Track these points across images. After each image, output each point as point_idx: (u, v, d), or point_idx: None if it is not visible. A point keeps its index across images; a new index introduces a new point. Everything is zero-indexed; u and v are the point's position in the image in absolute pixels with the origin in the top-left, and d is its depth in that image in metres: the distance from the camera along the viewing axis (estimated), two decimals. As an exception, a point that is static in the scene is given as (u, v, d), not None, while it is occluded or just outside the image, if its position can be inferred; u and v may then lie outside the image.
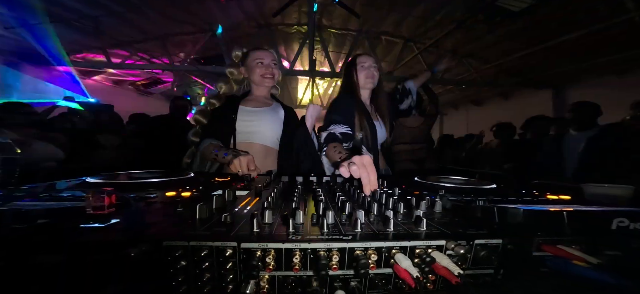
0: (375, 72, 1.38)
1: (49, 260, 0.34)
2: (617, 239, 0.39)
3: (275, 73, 1.33)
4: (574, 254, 0.38)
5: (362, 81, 1.37)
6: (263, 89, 1.36)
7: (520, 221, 0.41)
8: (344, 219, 0.44)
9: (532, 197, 0.65)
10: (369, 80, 1.36)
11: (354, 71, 1.38)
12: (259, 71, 1.29)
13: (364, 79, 1.37)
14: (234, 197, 0.58)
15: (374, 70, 1.37)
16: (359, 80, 1.37)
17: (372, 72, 1.36)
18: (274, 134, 1.30)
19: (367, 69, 1.36)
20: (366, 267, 0.34)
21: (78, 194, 0.57)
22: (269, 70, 1.30)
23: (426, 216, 0.42)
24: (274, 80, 1.34)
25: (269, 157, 1.27)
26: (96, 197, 0.44)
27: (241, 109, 1.27)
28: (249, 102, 1.32)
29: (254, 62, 1.30)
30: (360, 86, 1.38)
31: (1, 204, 0.46)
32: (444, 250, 0.38)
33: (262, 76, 1.29)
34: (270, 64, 1.31)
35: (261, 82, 1.31)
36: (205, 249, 0.35)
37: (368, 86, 1.38)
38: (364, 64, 1.37)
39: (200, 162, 1.25)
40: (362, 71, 1.37)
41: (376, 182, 0.65)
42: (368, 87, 1.39)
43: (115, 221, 0.40)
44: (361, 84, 1.38)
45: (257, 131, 1.26)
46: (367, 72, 1.36)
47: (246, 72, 1.34)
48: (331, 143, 1.14)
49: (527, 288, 0.39)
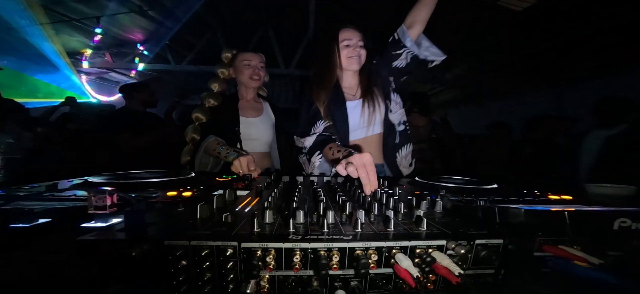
0: (362, 50, 1.15)
1: (50, 259, 0.35)
2: (619, 240, 0.39)
3: (261, 74, 1.38)
4: (576, 255, 0.38)
5: (344, 62, 1.14)
6: (250, 90, 1.41)
7: (521, 221, 0.41)
8: (344, 219, 0.44)
9: (534, 197, 0.65)
10: (355, 60, 1.13)
11: (332, 49, 1.14)
12: (247, 72, 1.34)
13: (345, 60, 1.13)
14: (234, 197, 0.59)
15: (360, 48, 1.14)
16: (341, 60, 1.14)
17: (358, 51, 1.13)
18: (269, 139, 1.41)
19: (352, 48, 1.13)
20: (366, 267, 0.34)
21: (80, 194, 0.57)
22: (256, 72, 1.35)
23: (427, 216, 0.42)
24: (260, 81, 1.39)
25: (265, 160, 1.40)
26: (98, 197, 0.44)
27: (242, 120, 1.34)
28: (246, 110, 1.38)
29: (242, 64, 1.35)
30: (343, 68, 1.16)
31: (3, 204, 0.46)
32: (444, 250, 0.38)
33: (249, 76, 1.34)
34: (258, 66, 1.36)
35: (248, 83, 1.36)
36: (206, 249, 0.35)
37: (353, 67, 1.15)
38: (350, 41, 1.13)
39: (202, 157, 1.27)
40: (345, 50, 1.13)
41: (376, 182, 0.65)
42: (353, 69, 1.16)
43: (117, 221, 0.40)
44: (343, 66, 1.15)
45: (256, 138, 1.36)
46: (351, 50, 1.12)
47: (234, 72, 1.40)
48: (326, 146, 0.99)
49: (528, 289, 0.39)
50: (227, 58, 1.42)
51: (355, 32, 1.15)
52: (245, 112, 1.37)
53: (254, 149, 1.32)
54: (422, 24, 1.17)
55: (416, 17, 1.16)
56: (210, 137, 1.23)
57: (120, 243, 0.34)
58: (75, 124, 3.10)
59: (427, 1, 1.14)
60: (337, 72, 1.17)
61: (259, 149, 1.37)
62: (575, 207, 0.48)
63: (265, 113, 1.45)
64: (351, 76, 1.21)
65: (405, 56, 1.18)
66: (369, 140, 1.17)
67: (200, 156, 1.27)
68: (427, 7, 1.15)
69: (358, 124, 1.15)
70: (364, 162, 0.66)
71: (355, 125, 1.15)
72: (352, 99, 1.18)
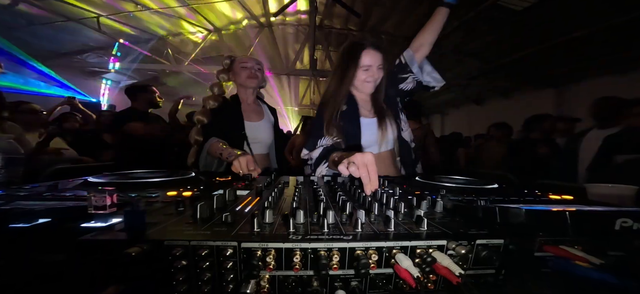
0: (380, 73, 1.15)
1: (50, 259, 0.35)
2: (620, 240, 0.39)
3: (258, 76, 1.45)
4: (577, 255, 0.38)
5: (360, 83, 1.16)
6: (250, 92, 1.48)
7: (522, 221, 0.40)
8: (344, 219, 0.44)
9: (534, 197, 0.64)
10: (369, 85, 1.15)
11: (352, 71, 1.14)
12: (244, 74, 1.43)
13: (361, 82, 1.16)
14: (234, 196, 0.59)
15: (378, 71, 1.15)
16: (356, 82, 1.16)
17: (375, 75, 1.14)
18: (270, 141, 1.50)
19: (369, 72, 1.14)
20: (367, 267, 0.33)
21: (80, 194, 0.57)
22: (253, 73, 1.43)
23: (427, 216, 0.42)
24: (257, 81, 1.45)
25: (265, 161, 1.48)
26: (98, 197, 0.44)
27: (246, 124, 1.40)
28: (249, 115, 1.44)
29: (239, 67, 1.44)
30: (355, 88, 1.19)
31: (3, 203, 0.46)
32: (445, 250, 0.38)
33: (247, 77, 1.42)
34: (254, 67, 1.45)
35: (246, 82, 1.43)
36: (206, 249, 0.35)
37: (366, 90, 1.18)
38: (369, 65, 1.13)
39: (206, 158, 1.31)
40: (363, 73, 1.14)
41: (377, 182, 0.65)
42: (366, 92, 1.19)
43: (117, 221, 0.40)
44: (358, 86, 1.18)
45: (260, 141, 1.44)
46: (368, 74, 1.14)
47: (233, 76, 1.48)
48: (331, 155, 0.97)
49: (529, 289, 0.39)
50: (227, 64, 1.50)
51: (377, 54, 1.15)
52: (249, 116, 1.44)
53: (256, 152, 1.40)
54: (429, 47, 1.22)
55: (423, 40, 1.20)
56: (212, 139, 1.27)
57: (120, 243, 0.34)
58: (76, 124, 3.10)
59: (434, 25, 1.19)
60: (350, 90, 1.21)
61: (260, 151, 1.44)
62: (576, 207, 0.48)
63: (266, 116, 1.54)
64: (366, 94, 1.23)
65: (411, 81, 1.23)
66: (382, 156, 1.18)
67: (204, 157, 1.30)
68: (435, 31, 1.19)
69: (371, 140, 1.16)
70: (366, 162, 0.65)
71: (368, 142, 1.16)
72: (367, 115, 1.20)
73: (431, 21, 1.19)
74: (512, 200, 0.60)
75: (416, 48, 1.21)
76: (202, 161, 1.30)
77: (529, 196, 0.67)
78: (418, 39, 1.21)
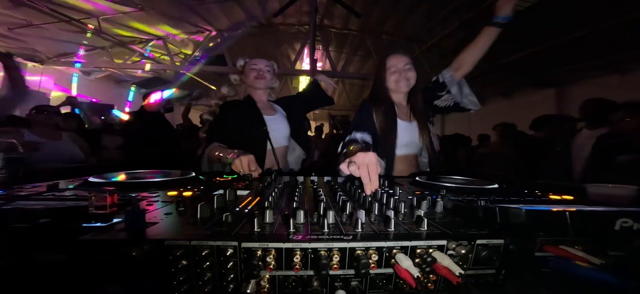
0: (410, 73, 1.22)
1: (51, 259, 0.35)
2: (620, 240, 0.38)
3: (267, 76, 1.45)
4: (577, 255, 0.38)
5: (393, 85, 1.24)
6: (259, 92, 1.47)
7: (522, 221, 0.40)
8: (344, 219, 0.44)
9: (535, 198, 0.64)
10: (403, 83, 1.21)
11: (383, 75, 1.26)
12: (252, 75, 1.43)
13: (394, 84, 1.23)
14: (235, 196, 0.59)
15: (407, 71, 1.21)
16: (389, 85, 1.25)
17: (406, 75, 1.21)
18: (287, 133, 1.47)
19: (399, 72, 1.22)
20: (367, 267, 0.33)
21: (80, 194, 0.57)
22: (262, 74, 1.43)
23: (427, 216, 0.42)
24: (266, 82, 1.44)
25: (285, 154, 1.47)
26: (98, 197, 0.44)
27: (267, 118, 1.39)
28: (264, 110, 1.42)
29: (249, 68, 1.44)
30: (391, 90, 1.26)
31: (4, 203, 0.46)
32: (445, 250, 0.38)
33: (255, 77, 1.42)
34: (263, 68, 1.44)
35: (253, 83, 1.43)
36: (206, 249, 0.35)
37: (402, 89, 1.24)
38: (396, 67, 1.23)
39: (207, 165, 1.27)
40: (392, 75, 1.24)
41: (377, 182, 0.65)
42: (402, 91, 1.25)
43: (117, 221, 0.40)
44: (392, 89, 1.25)
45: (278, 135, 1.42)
46: (398, 75, 1.22)
47: (244, 78, 1.48)
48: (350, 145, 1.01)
49: (529, 289, 0.39)
50: (241, 66, 1.50)
51: (402, 57, 1.24)
52: (265, 112, 1.43)
53: (277, 145, 1.39)
54: (470, 67, 1.22)
55: (465, 61, 1.21)
56: (213, 144, 1.24)
57: (120, 243, 0.34)
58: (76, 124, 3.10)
59: (479, 45, 1.17)
60: (388, 94, 1.27)
61: (281, 144, 1.43)
62: (576, 207, 0.48)
63: (278, 110, 1.54)
64: (402, 98, 1.29)
65: (447, 99, 1.25)
66: (408, 158, 1.25)
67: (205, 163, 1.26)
68: (479, 51, 1.18)
69: (405, 142, 1.21)
70: (367, 162, 0.65)
71: (403, 143, 1.21)
72: (404, 119, 1.24)
73: (477, 40, 1.18)
74: (513, 200, 0.60)
75: (456, 67, 1.22)
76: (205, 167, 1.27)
77: (529, 196, 0.67)
78: (460, 58, 1.22)
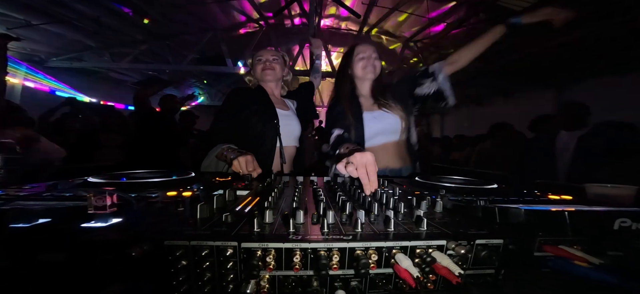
0: (376, 62, 1.26)
1: (50, 259, 0.35)
2: (619, 240, 0.39)
3: (275, 67, 1.36)
4: (576, 255, 0.38)
5: (360, 72, 1.26)
6: (271, 85, 1.39)
7: (521, 221, 0.40)
8: (344, 219, 0.44)
9: (534, 198, 0.65)
10: (369, 70, 1.24)
11: (349, 62, 1.29)
12: (259, 67, 1.36)
13: (361, 70, 1.26)
14: (234, 197, 0.59)
15: (374, 60, 1.26)
16: (356, 71, 1.27)
17: (373, 62, 1.25)
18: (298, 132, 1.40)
19: (366, 59, 1.25)
20: (366, 267, 0.34)
21: (80, 194, 0.57)
22: (268, 65, 1.35)
23: (427, 216, 0.42)
24: (274, 74, 1.37)
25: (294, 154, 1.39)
26: (98, 197, 0.44)
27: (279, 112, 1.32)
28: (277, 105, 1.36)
29: (256, 61, 1.37)
30: (357, 77, 1.29)
31: (3, 204, 0.46)
32: (444, 250, 0.38)
33: (262, 70, 1.35)
34: (270, 59, 1.36)
35: (262, 77, 1.36)
36: (206, 249, 0.35)
37: (368, 76, 1.26)
38: (364, 53, 1.26)
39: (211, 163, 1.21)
40: (360, 62, 1.26)
41: (376, 182, 0.65)
42: (368, 78, 1.27)
43: (117, 221, 0.40)
44: (359, 76, 1.28)
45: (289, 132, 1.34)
46: (366, 62, 1.25)
47: (254, 73, 1.41)
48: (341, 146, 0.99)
49: (529, 289, 0.39)
50: (250, 63, 1.44)
51: (369, 46, 1.28)
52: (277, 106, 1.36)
53: (286, 144, 1.31)
54: (465, 63, 1.23)
55: (461, 58, 1.22)
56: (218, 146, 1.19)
57: (120, 243, 0.34)
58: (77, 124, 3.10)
59: (482, 41, 1.19)
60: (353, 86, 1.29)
61: (291, 144, 1.36)
62: (575, 207, 0.48)
63: (291, 109, 1.46)
64: (368, 87, 1.29)
65: (428, 86, 1.26)
66: (387, 146, 1.23)
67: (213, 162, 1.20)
68: (479, 48, 1.20)
69: (375, 132, 1.22)
70: (365, 162, 0.65)
71: (372, 133, 1.21)
72: (370, 109, 1.25)
73: (481, 37, 1.19)
74: (512, 200, 0.60)
75: (452, 61, 1.23)
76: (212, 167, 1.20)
77: (529, 196, 0.67)
78: (456, 55, 1.23)
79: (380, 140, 1.22)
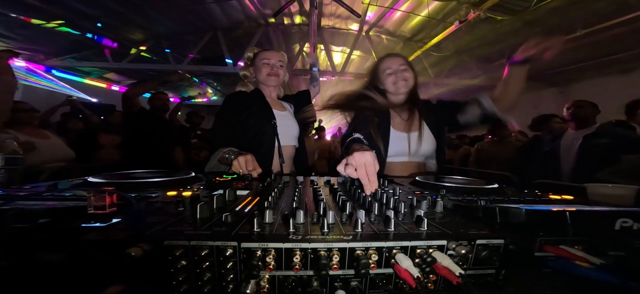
0: (406, 73, 1.17)
1: (50, 259, 0.35)
2: (620, 240, 0.38)
3: (280, 73, 1.36)
4: (577, 255, 0.38)
5: (391, 87, 1.19)
6: (270, 89, 1.39)
7: (522, 221, 0.40)
8: (344, 219, 0.44)
9: (535, 197, 0.64)
10: (401, 84, 1.17)
11: (376, 77, 1.23)
12: (264, 71, 1.34)
13: (392, 85, 1.19)
14: (234, 197, 0.58)
15: (403, 72, 1.17)
16: (387, 87, 1.20)
17: (403, 75, 1.17)
18: (296, 133, 1.40)
19: (395, 73, 1.18)
20: (367, 267, 0.33)
21: (80, 194, 0.57)
22: (275, 70, 1.34)
23: (427, 216, 0.42)
24: (278, 79, 1.36)
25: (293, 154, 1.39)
26: (97, 197, 0.44)
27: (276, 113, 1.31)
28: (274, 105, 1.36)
29: (261, 62, 1.34)
30: (389, 93, 1.22)
31: (3, 204, 0.46)
32: (445, 250, 0.37)
33: (267, 75, 1.33)
34: (276, 64, 1.35)
35: (266, 80, 1.35)
36: (206, 249, 0.35)
37: (400, 90, 1.18)
38: (391, 68, 1.18)
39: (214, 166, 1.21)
40: (389, 77, 1.19)
41: (376, 182, 0.64)
42: (401, 92, 1.19)
43: (117, 221, 0.40)
44: (391, 91, 1.20)
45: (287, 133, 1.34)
46: (395, 76, 1.18)
47: (254, 71, 1.38)
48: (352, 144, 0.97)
49: (529, 289, 0.39)
50: (249, 58, 1.41)
51: (396, 58, 1.21)
52: (274, 107, 1.35)
53: (285, 143, 1.30)
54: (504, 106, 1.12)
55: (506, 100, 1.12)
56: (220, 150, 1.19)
57: (120, 243, 0.34)
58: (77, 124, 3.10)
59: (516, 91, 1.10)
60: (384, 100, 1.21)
61: (290, 143, 1.35)
62: (576, 207, 0.48)
63: (288, 109, 1.45)
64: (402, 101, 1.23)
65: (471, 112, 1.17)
66: (411, 165, 1.20)
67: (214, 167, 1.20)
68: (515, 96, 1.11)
69: (396, 152, 1.17)
70: (364, 162, 0.65)
71: (393, 152, 1.17)
72: (398, 128, 1.19)
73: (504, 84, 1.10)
74: (512, 200, 0.59)
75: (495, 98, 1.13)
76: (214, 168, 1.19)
77: (529, 196, 0.67)
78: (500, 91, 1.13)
79: (403, 159, 1.19)
